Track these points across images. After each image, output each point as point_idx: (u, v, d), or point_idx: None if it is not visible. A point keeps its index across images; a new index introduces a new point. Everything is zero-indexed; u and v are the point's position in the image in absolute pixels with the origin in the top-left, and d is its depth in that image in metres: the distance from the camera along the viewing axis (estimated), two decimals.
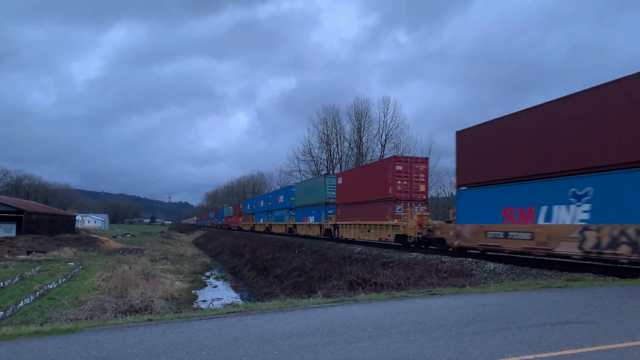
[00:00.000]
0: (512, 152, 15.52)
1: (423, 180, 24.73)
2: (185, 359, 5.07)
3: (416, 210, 23.32)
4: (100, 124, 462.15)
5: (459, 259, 17.29)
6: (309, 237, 37.82)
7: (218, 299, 21.48)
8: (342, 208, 30.91)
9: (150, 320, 7.32)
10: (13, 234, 53.78)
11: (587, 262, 13.27)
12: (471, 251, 17.93)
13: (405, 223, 22.50)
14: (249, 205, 69.66)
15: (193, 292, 24.72)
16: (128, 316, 9.27)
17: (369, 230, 26.23)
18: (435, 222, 21.58)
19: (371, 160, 54.81)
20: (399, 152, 54.93)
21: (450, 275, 14.39)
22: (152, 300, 15.46)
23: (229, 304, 10.66)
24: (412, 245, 21.85)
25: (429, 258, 18.29)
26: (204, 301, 20.73)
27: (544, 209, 14.10)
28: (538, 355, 4.85)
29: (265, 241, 41.96)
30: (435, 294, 9.50)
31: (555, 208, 13.67)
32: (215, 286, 29.04)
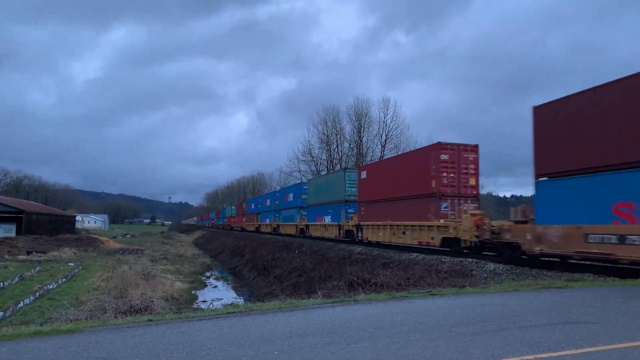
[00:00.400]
0: (628, 127, 11.81)
1: (473, 172, 20.97)
2: (185, 359, 5.07)
3: (466, 207, 19.49)
4: (100, 124, 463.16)
5: (458, 259, 17.27)
6: (324, 239, 33.90)
7: (218, 299, 21.47)
8: (367, 206, 27.04)
9: (150, 320, 7.32)
10: (13, 234, 53.78)
11: (587, 262, 13.28)
12: (559, 260, 14.35)
13: (458, 223, 18.45)
14: (253, 205, 65.41)
15: (193, 292, 24.71)
16: (128, 316, 9.27)
17: (403, 232, 22.45)
18: (501, 222, 17.66)
19: (371, 160, 54.76)
20: (399, 153, 54.93)
21: (450, 275, 14.39)
22: (152, 301, 15.47)
23: (229, 305, 10.66)
24: (466, 251, 18.11)
25: (429, 258, 18.27)
26: (204, 301, 20.72)
27: None
28: (538, 356, 4.85)
29: (266, 241, 41.95)
30: (435, 295, 9.50)
31: None
32: (215, 286, 29.03)
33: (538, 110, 14.78)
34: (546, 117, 14.50)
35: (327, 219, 33.95)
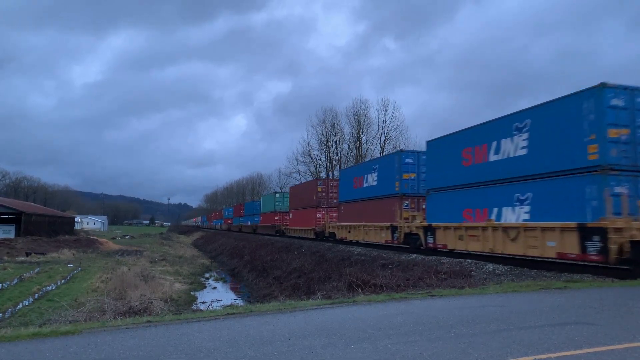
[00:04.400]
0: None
1: None
2: None
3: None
4: (100, 126, 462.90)
5: (458, 260, 17.27)
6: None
7: (217, 300, 21.43)
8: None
9: (149, 322, 7.31)
10: (12, 235, 53.66)
11: (586, 263, 13.27)
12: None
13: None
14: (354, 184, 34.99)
15: (192, 293, 24.68)
16: (127, 318, 9.27)
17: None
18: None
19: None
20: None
21: (450, 276, 14.38)
22: (151, 302, 15.46)
23: (228, 306, 10.66)
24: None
25: (428, 259, 18.28)
26: (203, 303, 20.67)
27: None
28: (537, 357, 4.85)
29: (265, 242, 41.94)
30: (434, 295, 9.49)
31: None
32: (215, 288, 29.00)
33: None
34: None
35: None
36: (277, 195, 54.54)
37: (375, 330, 6.27)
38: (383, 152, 57.23)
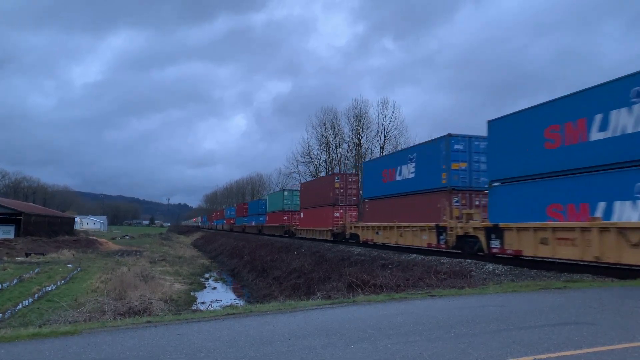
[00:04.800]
0: None
1: None
2: None
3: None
4: (100, 126, 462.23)
5: (457, 260, 17.27)
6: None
7: (217, 300, 21.44)
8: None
9: (149, 322, 7.31)
10: (12, 235, 53.64)
11: (586, 262, 13.26)
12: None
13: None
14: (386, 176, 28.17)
15: (192, 293, 24.69)
16: (127, 318, 9.27)
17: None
18: None
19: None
20: None
21: (450, 276, 14.39)
22: (151, 302, 15.47)
23: (228, 306, 10.66)
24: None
25: (428, 259, 18.29)
26: (203, 303, 20.68)
27: None
28: (537, 357, 4.85)
29: (264, 243, 41.94)
30: (434, 295, 9.49)
31: None
32: (214, 288, 29.01)
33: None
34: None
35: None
36: (286, 193, 50.44)
37: (375, 330, 6.27)
38: (383, 152, 57.23)
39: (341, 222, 32.16)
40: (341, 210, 33.23)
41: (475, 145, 19.97)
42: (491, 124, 17.35)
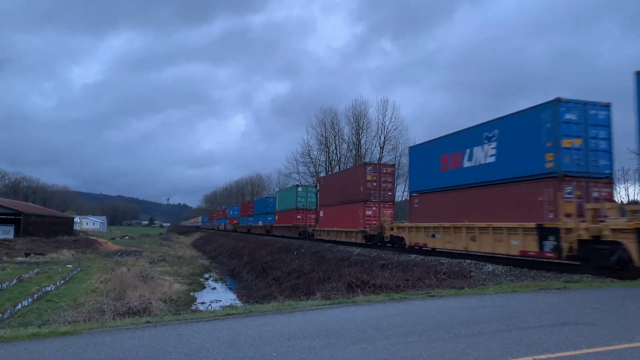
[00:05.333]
0: None
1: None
2: None
3: None
4: (99, 127, 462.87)
5: (457, 260, 17.28)
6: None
7: (217, 300, 21.43)
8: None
9: (148, 322, 7.30)
10: (11, 235, 53.61)
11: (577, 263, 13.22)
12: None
13: None
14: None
15: (191, 294, 24.68)
16: (126, 318, 9.26)
17: None
18: None
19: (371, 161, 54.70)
20: (399, 154, 54.80)
21: (449, 276, 14.39)
22: (151, 302, 15.45)
23: (228, 306, 10.66)
24: None
25: (427, 260, 18.29)
26: (202, 303, 20.68)
27: None
28: (536, 357, 4.86)
29: (264, 243, 41.93)
30: (434, 296, 9.50)
31: None
32: (214, 288, 28.99)
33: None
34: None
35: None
36: (300, 189, 44.51)
37: (375, 330, 6.27)
38: (382, 152, 57.20)
39: (374, 222, 27.05)
40: (374, 208, 27.56)
41: (592, 115, 14.91)
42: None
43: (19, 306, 17.97)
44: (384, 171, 28.69)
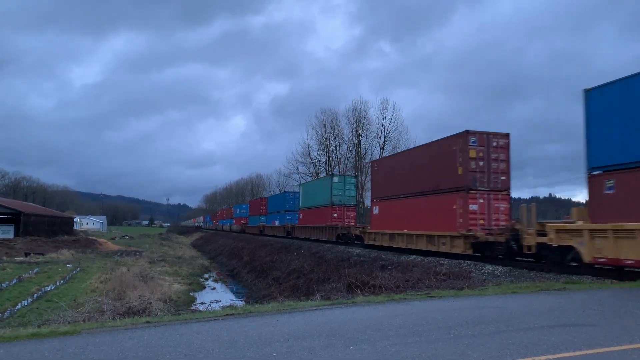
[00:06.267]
0: None
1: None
2: None
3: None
4: (99, 127, 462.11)
5: (457, 261, 17.28)
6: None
7: (216, 301, 21.42)
8: None
9: (148, 322, 7.31)
10: (11, 235, 53.61)
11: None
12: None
13: None
14: None
15: (191, 294, 24.68)
16: (126, 318, 9.26)
17: None
18: None
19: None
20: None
21: (449, 277, 14.39)
22: (150, 303, 15.46)
23: (227, 306, 10.65)
24: None
25: (427, 261, 18.29)
26: (202, 303, 20.67)
27: None
28: (536, 358, 4.86)
29: (264, 243, 41.93)
30: (433, 297, 9.50)
31: None
32: (214, 288, 28.99)
33: None
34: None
35: None
36: (336, 179, 34.99)
37: (375, 331, 6.27)
38: (382, 153, 57.19)
39: (483, 222, 18.40)
40: (482, 200, 18.69)
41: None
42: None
43: (19, 306, 17.97)
44: (497, 143, 19.12)
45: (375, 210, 26.88)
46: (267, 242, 42.12)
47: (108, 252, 45.74)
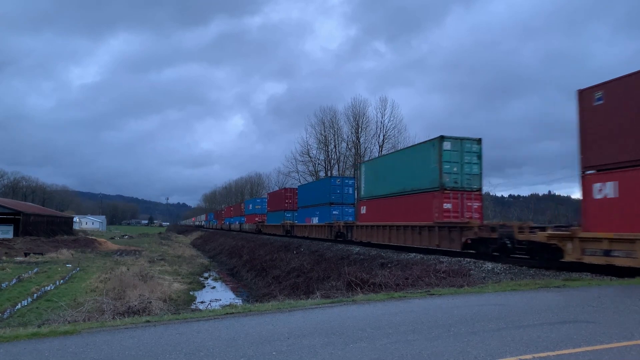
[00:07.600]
0: None
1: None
2: None
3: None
4: (98, 127, 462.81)
5: (457, 259, 17.29)
6: None
7: (216, 300, 21.44)
8: None
9: (148, 321, 7.30)
10: (10, 235, 53.59)
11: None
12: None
13: None
14: None
15: (191, 293, 24.67)
16: (126, 318, 9.26)
17: None
18: None
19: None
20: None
21: (449, 275, 14.40)
22: (150, 302, 15.46)
23: (227, 305, 10.65)
24: None
25: (427, 258, 18.29)
26: (202, 302, 20.68)
27: None
28: (536, 355, 4.86)
29: (264, 242, 41.90)
30: (433, 294, 9.50)
31: None
32: (214, 287, 28.99)
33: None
34: None
35: None
36: (448, 145, 20.26)
37: (375, 329, 6.28)
38: (382, 151, 57.13)
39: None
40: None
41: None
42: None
43: (19, 306, 17.96)
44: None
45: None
46: (267, 241, 41.79)
47: (107, 252, 45.69)
